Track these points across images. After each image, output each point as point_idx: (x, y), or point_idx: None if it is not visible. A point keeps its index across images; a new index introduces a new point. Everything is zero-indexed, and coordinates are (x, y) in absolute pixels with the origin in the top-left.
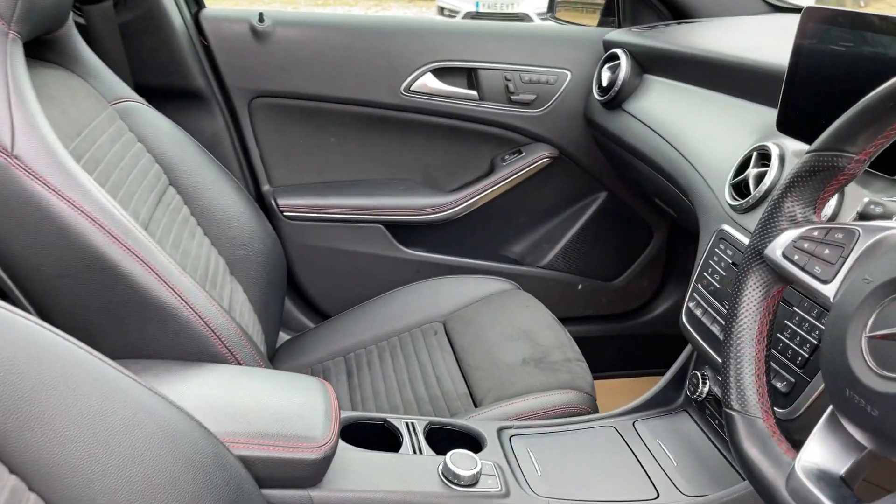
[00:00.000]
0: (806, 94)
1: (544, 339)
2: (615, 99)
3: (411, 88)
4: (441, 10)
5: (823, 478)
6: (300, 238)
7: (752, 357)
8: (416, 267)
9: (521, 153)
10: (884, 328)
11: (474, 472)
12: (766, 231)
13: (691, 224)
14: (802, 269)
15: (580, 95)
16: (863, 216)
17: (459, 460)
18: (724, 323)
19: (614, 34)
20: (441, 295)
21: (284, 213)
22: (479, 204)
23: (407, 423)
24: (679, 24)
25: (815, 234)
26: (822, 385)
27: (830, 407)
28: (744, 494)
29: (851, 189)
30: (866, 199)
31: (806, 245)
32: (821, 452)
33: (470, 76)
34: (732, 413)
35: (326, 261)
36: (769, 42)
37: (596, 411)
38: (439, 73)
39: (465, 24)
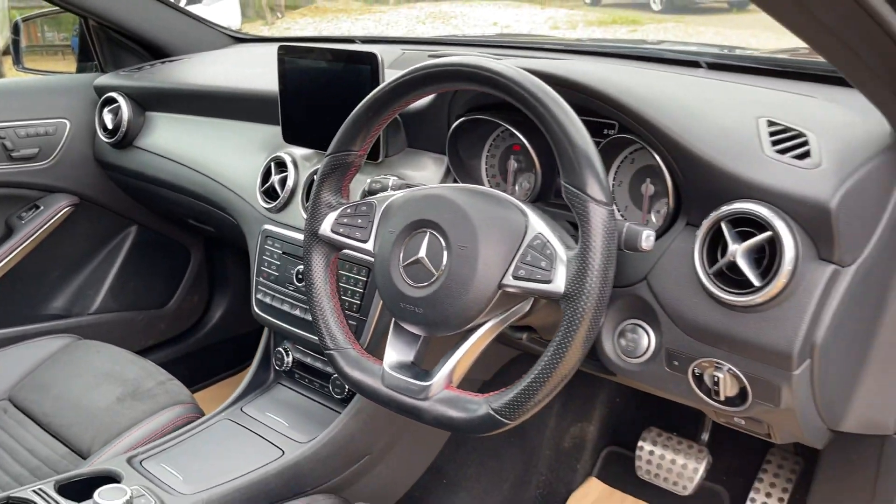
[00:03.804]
0: (298, 111)
1: (130, 373)
2: (124, 139)
3: None
4: None
5: (403, 366)
6: None
7: (332, 308)
8: None
9: (38, 207)
10: (407, 259)
11: (125, 499)
12: (314, 218)
13: (231, 234)
14: (348, 237)
15: (86, 140)
16: (370, 192)
17: (108, 494)
18: (299, 295)
19: (104, 79)
20: None
21: None
22: (4, 270)
23: (35, 491)
24: (164, 63)
25: (349, 211)
26: (377, 316)
27: (393, 320)
28: (346, 421)
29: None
30: (368, 180)
31: (345, 220)
32: (395, 353)
33: None
34: (331, 352)
35: None
36: (258, 72)
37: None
38: None
39: None
